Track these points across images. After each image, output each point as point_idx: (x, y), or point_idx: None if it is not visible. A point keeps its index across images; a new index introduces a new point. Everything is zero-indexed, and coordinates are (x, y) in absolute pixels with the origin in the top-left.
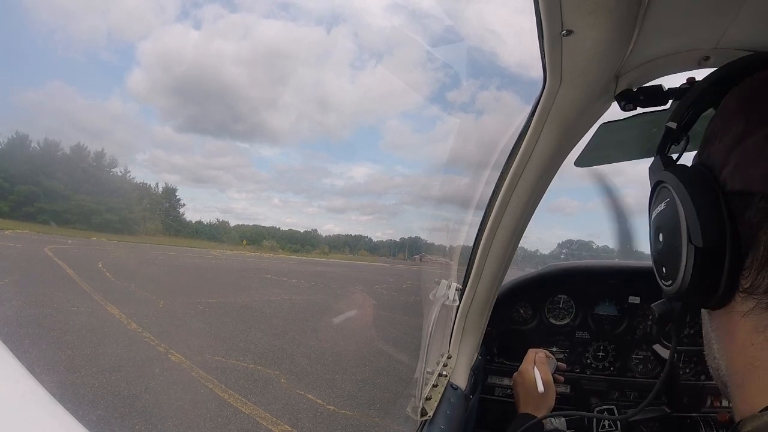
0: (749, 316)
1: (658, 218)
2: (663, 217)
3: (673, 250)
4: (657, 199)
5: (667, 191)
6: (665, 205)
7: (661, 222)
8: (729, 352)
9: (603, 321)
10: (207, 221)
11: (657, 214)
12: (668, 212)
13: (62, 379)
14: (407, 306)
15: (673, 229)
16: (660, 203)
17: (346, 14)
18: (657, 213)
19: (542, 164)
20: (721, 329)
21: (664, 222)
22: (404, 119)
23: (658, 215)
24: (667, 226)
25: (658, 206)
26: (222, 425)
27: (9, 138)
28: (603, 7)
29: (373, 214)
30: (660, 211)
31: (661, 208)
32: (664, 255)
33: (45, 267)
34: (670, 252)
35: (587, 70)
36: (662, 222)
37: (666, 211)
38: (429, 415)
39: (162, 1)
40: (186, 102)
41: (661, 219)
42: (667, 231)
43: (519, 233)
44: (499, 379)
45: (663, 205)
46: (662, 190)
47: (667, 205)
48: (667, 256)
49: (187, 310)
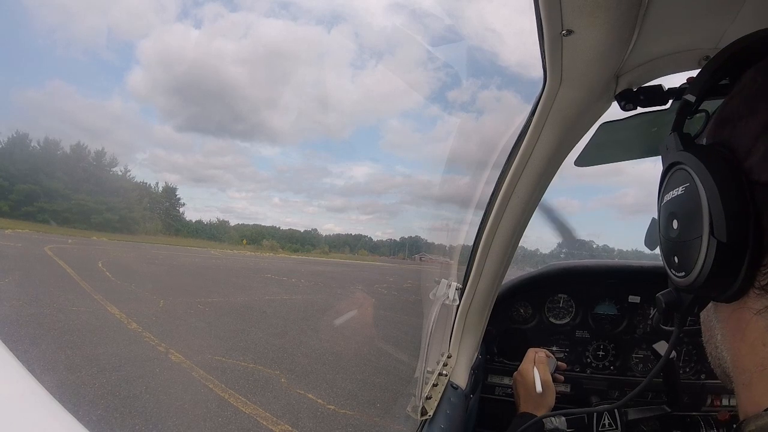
0: (763, 314)
1: (673, 204)
2: (680, 203)
3: (689, 240)
4: (672, 182)
5: (686, 175)
6: (684, 191)
7: (676, 208)
8: (736, 348)
9: (603, 320)
10: (207, 221)
11: (672, 199)
12: (687, 199)
13: (62, 379)
14: (407, 305)
15: (692, 219)
16: (677, 187)
17: (346, 14)
18: (672, 198)
19: (542, 164)
20: (728, 323)
21: (682, 209)
22: (405, 119)
23: (673, 200)
24: (684, 214)
25: (674, 191)
26: (222, 425)
27: (9, 137)
28: (603, 7)
29: (373, 214)
30: (676, 196)
31: (678, 192)
32: (678, 245)
33: (45, 266)
34: (685, 242)
35: (587, 70)
36: (678, 209)
37: (684, 197)
38: (429, 414)
39: (162, 0)
40: (186, 101)
41: (677, 205)
42: (684, 219)
43: (519, 233)
44: (499, 379)
45: (681, 189)
46: (679, 173)
47: (686, 190)
48: (682, 247)
49: (188, 310)
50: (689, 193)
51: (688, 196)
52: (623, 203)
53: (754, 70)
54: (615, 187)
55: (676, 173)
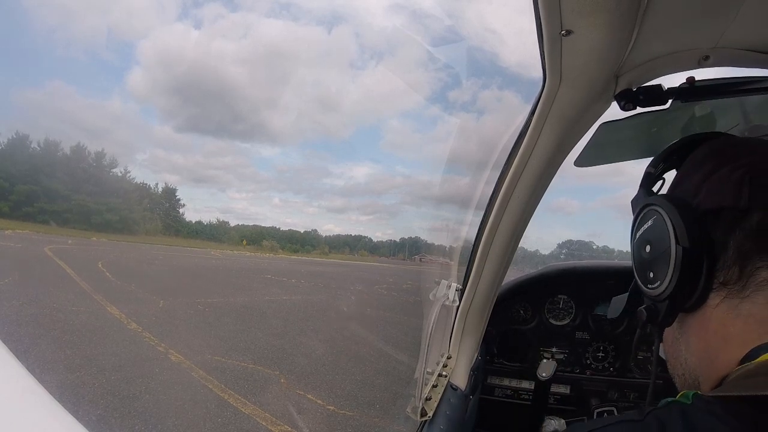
0: (720, 306)
1: (645, 233)
2: (651, 231)
3: (661, 255)
4: (644, 219)
5: (655, 210)
6: (653, 222)
7: (649, 235)
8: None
9: (603, 321)
10: (207, 221)
11: (644, 230)
12: (657, 226)
13: (62, 379)
14: (407, 306)
15: (661, 238)
16: (647, 221)
17: (347, 14)
18: (645, 229)
19: (542, 164)
20: (692, 328)
21: (653, 234)
22: (405, 119)
23: (645, 231)
24: (655, 236)
25: (645, 223)
26: (222, 425)
27: (9, 138)
28: (603, 7)
29: (373, 214)
30: (648, 227)
31: (649, 224)
32: (652, 261)
33: (45, 267)
34: (658, 257)
35: (587, 70)
36: (650, 235)
37: (654, 225)
38: (429, 415)
39: (162, 0)
40: (186, 102)
41: (649, 233)
42: (655, 241)
43: (519, 233)
44: (498, 380)
45: (651, 222)
46: (649, 212)
47: (655, 221)
48: (655, 262)
49: (187, 310)
50: (657, 221)
51: (657, 223)
52: (623, 203)
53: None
54: (615, 187)
55: (647, 212)
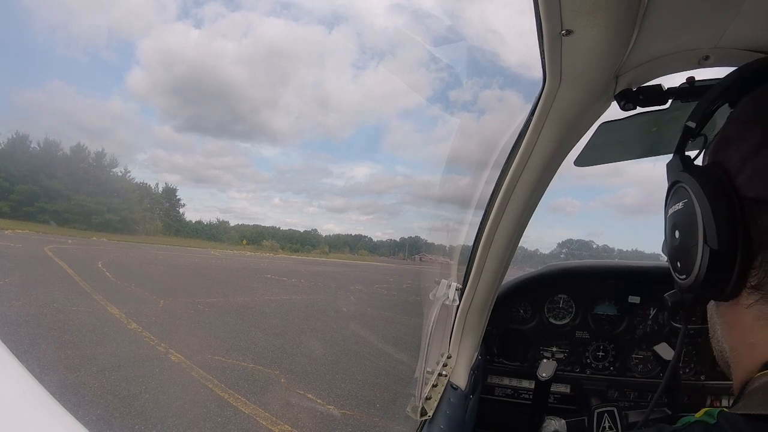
0: (752, 307)
1: (675, 216)
2: (680, 216)
3: (688, 247)
4: (674, 198)
5: (685, 192)
6: (683, 206)
7: (677, 220)
8: (732, 337)
9: (603, 321)
10: (207, 221)
11: (674, 212)
12: (685, 212)
13: (62, 379)
14: (407, 306)
15: (689, 229)
16: (677, 202)
17: (347, 14)
18: (674, 211)
19: (542, 164)
20: (726, 318)
21: (681, 221)
22: (405, 119)
23: (674, 213)
24: (683, 225)
25: (675, 205)
26: (222, 425)
27: (9, 138)
28: (603, 7)
29: (374, 214)
30: (677, 210)
31: (678, 207)
32: (680, 251)
33: (45, 267)
34: (685, 249)
35: (587, 70)
36: (679, 220)
37: (683, 211)
38: (429, 414)
39: (162, 0)
40: (186, 102)
41: (677, 217)
42: (683, 230)
43: (519, 233)
44: (499, 379)
45: (680, 204)
46: (680, 190)
47: (685, 205)
48: (682, 253)
49: (187, 310)
50: (687, 207)
51: (686, 210)
52: (623, 203)
53: (748, 98)
54: (615, 187)
55: (678, 190)
